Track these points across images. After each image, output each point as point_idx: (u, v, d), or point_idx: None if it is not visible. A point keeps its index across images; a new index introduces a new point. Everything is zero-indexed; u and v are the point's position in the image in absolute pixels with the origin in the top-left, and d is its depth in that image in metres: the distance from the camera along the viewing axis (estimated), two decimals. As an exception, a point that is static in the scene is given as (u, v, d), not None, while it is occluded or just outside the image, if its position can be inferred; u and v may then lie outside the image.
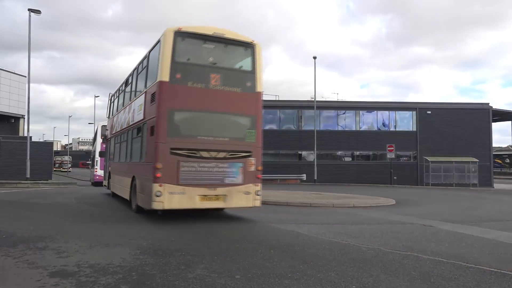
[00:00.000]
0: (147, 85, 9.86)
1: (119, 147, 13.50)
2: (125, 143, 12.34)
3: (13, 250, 5.76)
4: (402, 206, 14.53)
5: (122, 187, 12.40)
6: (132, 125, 11.29)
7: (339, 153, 38.34)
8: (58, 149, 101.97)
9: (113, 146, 14.94)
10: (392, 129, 37.98)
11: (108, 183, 15.78)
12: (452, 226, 9.25)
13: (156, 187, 8.28)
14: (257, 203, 9.32)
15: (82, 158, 78.65)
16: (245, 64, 9.70)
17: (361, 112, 38.35)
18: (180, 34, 8.87)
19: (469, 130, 36.23)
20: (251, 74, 9.39)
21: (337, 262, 5.28)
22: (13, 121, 40.89)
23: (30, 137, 28.13)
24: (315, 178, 32.72)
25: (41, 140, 67.00)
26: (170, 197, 8.35)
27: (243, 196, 9.00)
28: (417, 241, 7.10)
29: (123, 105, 13.40)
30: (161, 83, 8.60)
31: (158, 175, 8.26)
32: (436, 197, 19.96)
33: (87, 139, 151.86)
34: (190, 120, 8.99)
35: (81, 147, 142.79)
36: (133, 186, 10.56)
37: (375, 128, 38.64)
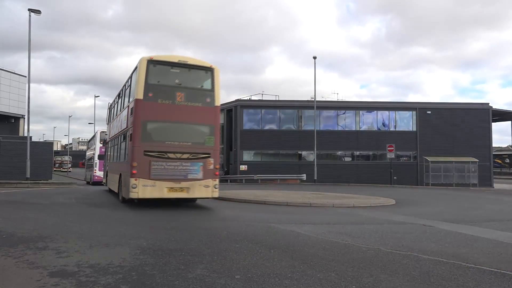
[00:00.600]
0: (130, 101, 12.04)
1: (113, 150, 15.62)
2: (117, 146, 14.28)
3: (13, 250, 5.77)
4: (402, 206, 14.53)
5: (114, 183, 14.57)
6: (120, 131, 13.48)
7: (339, 153, 38.36)
8: (58, 149, 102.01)
9: (110, 148, 17.22)
10: (392, 129, 38.00)
11: (106, 180, 18.21)
12: (452, 226, 9.25)
13: (132, 181, 10.55)
14: (215, 194, 11.54)
15: (82, 158, 78.58)
16: (206, 84, 11.87)
17: (361, 112, 38.37)
18: (152, 62, 11.07)
19: (469, 130, 36.25)
20: (211, 92, 11.58)
21: (337, 262, 5.28)
22: (13, 121, 40.89)
23: (30, 137, 28.13)
24: (315, 178, 32.73)
25: (41, 140, 67.03)
26: (143, 188, 10.56)
27: (203, 189, 11.17)
28: (417, 241, 7.11)
29: (116, 115, 15.57)
30: (136, 100, 10.88)
31: (134, 171, 10.52)
32: (436, 197, 19.96)
33: (87, 139, 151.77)
34: (160, 129, 11.22)
35: (81, 147, 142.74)
36: (120, 181, 12.80)
37: (375, 128, 38.65)
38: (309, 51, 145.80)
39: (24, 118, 40.29)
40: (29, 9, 25.50)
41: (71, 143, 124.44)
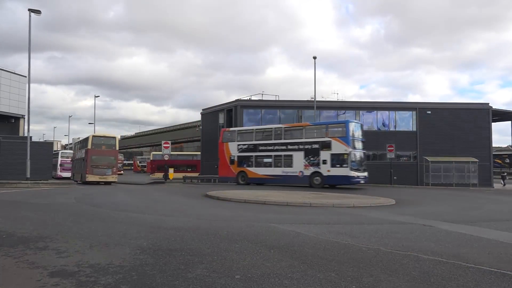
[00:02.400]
0: (85, 147, 30.30)
1: (78, 163, 33.23)
2: (80, 162, 31.86)
3: (13, 250, 5.77)
4: (402, 206, 14.53)
5: (78, 176, 32.35)
6: (82, 157, 31.08)
7: (339, 153, 38.31)
8: (58, 149, 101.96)
9: (76, 161, 35.50)
10: (392, 129, 37.96)
11: (73, 175, 35.64)
12: (452, 226, 9.25)
13: (87, 175, 29.16)
14: (116, 179, 30.13)
15: None
16: (112, 141, 31.15)
17: (361, 112, 38.34)
18: (94, 136, 31.04)
19: (469, 130, 36.21)
20: (114, 145, 30.97)
21: (337, 262, 5.28)
22: (13, 121, 40.86)
23: (30, 137, 28.14)
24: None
25: (41, 140, 67.02)
26: (90, 176, 28.77)
27: (111, 178, 29.33)
28: (417, 241, 7.11)
29: (79, 149, 34.12)
30: (87, 149, 29.47)
31: (87, 172, 28.77)
32: (436, 197, 19.96)
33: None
34: (96, 158, 29.17)
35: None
36: (81, 175, 30.55)
37: (375, 128, 38.63)
38: (309, 52, 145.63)
39: (24, 118, 40.29)
40: (29, 9, 25.49)
41: (71, 143, 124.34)
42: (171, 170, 36.88)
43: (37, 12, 25.59)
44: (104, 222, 9.01)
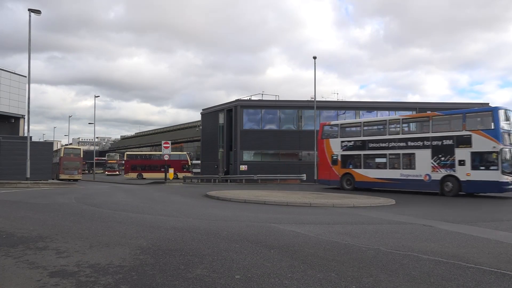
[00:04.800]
0: (59, 155, 44.48)
1: (54, 165, 37.75)
2: (56, 164, 41.49)
3: (13, 250, 5.77)
4: (402, 206, 14.53)
5: (55, 175, 39.27)
6: (56, 162, 42.12)
7: (339, 153, 38.27)
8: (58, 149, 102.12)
9: (53, 164, 35.73)
10: (392, 129, 37.90)
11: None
12: (452, 226, 9.25)
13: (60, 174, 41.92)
14: (80, 177, 43.28)
15: (83, 158, 78.72)
16: (78, 153, 46.21)
17: (361, 112, 38.36)
18: (65, 148, 48.69)
19: (469, 130, 36.06)
20: (79, 154, 45.51)
21: (337, 262, 5.28)
22: (13, 121, 40.88)
23: (30, 137, 28.14)
24: (315, 178, 32.68)
25: (41, 140, 67.07)
26: (62, 175, 40.83)
27: (76, 177, 41.84)
28: (417, 241, 7.10)
29: (54, 156, 41.00)
30: (61, 156, 43.54)
31: (60, 172, 41.61)
32: (436, 197, 19.94)
33: (87, 139, 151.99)
34: (67, 163, 42.82)
35: (81, 147, 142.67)
36: (57, 174, 40.89)
37: (375, 128, 38.58)
38: (309, 52, 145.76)
39: (24, 118, 40.30)
40: (29, 9, 25.51)
41: (71, 143, 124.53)
42: (170, 170, 36.86)
43: (37, 12, 25.59)
44: (104, 222, 9.01)
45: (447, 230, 8.47)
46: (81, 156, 45.40)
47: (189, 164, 49.44)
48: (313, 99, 35.62)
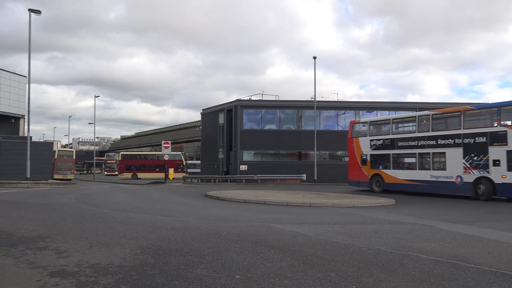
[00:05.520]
0: (53, 157, 41.54)
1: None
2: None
3: (13, 250, 5.77)
4: (402, 206, 14.53)
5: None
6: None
7: (339, 153, 38.30)
8: (67, 147, 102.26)
9: None
10: (392, 129, 37.90)
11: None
12: (452, 226, 9.25)
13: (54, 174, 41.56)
14: (73, 177, 44.97)
15: (82, 158, 78.92)
16: (71, 155, 49.96)
17: (361, 112, 38.33)
18: (59, 150, 51.07)
19: (469, 130, 36.00)
20: (72, 156, 48.13)
21: (337, 262, 5.28)
22: (13, 121, 40.91)
23: (30, 137, 28.14)
24: (315, 178, 32.72)
25: (41, 140, 67.10)
26: (56, 175, 41.21)
27: (70, 177, 43.61)
28: (417, 241, 7.11)
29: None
30: (55, 158, 43.62)
31: (54, 172, 40.97)
32: (436, 197, 19.94)
33: (87, 139, 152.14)
34: (60, 164, 44.91)
35: (81, 147, 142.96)
36: (52, 174, 37.02)
37: (375, 128, 38.57)
38: (309, 53, 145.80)
39: (24, 118, 40.31)
40: (29, 9, 25.51)
41: (71, 143, 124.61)
42: (170, 170, 36.86)
43: (37, 12, 25.59)
44: (104, 222, 9.01)
45: (447, 230, 8.47)
46: (74, 157, 48.13)
47: (184, 164, 49.42)
48: (313, 99, 35.62)
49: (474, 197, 17.22)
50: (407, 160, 21.02)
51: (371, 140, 22.45)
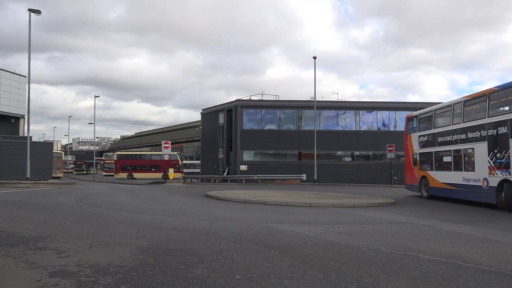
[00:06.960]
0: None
1: None
2: None
3: (13, 250, 5.77)
4: (402, 206, 14.53)
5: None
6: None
7: (339, 153, 38.35)
8: (59, 149, 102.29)
9: None
10: (392, 129, 37.97)
11: None
12: (452, 226, 9.25)
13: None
14: (62, 175, 51.48)
15: (82, 158, 79.02)
16: (60, 156, 56.49)
17: (361, 112, 38.37)
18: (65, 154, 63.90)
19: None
20: (61, 157, 56.36)
21: (337, 262, 5.28)
22: (13, 121, 40.91)
23: (30, 137, 28.12)
24: (315, 178, 32.71)
25: (41, 140, 67.14)
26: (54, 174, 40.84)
27: (59, 175, 48.35)
28: (417, 241, 7.11)
29: None
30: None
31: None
32: (436, 199, 19.93)
33: (87, 139, 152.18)
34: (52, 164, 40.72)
35: (81, 147, 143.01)
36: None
37: (375, 128, 38.65)
38: (309, 53, 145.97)
39: (24, 118, 40.31)
40: (29, 9, 25.50)
41: (71, 143, 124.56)
42: (170, 170, 36.87)
43: (37, 12, 25.59)
44: (104, 222, 9.01)
45: (447, 230, 8.47)
46: (62, 158, 56.95)
47: (180, 164, 49.44)
48: (313, 99, 35.62)
49: (500, 206, 13.16)
50: (445, 159, 17.12)
51: (419, 137, 19.08)
